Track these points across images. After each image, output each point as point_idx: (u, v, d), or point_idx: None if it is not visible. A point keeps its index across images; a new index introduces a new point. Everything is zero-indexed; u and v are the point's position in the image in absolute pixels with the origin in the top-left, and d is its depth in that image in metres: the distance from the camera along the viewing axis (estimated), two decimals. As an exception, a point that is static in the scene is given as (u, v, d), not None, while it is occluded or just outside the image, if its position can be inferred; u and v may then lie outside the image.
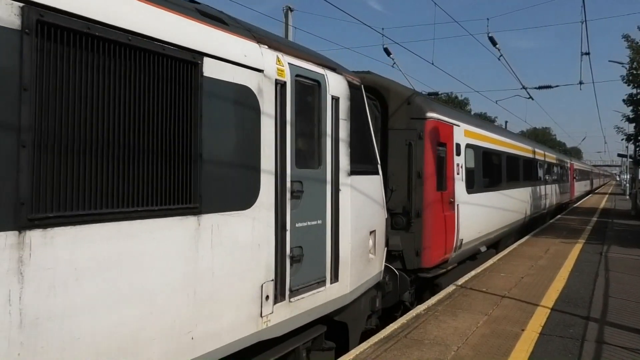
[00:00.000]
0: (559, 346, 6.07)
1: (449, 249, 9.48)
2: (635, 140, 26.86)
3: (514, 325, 6.86)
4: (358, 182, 6.04)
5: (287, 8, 16.56)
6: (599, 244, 14.85)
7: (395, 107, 8.68)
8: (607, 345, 6.09)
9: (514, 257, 12.40)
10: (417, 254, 8.47)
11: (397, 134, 8.65)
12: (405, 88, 9.45)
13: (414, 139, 8.54)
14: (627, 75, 22.22)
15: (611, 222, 22.15)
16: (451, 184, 9.61)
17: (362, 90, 6.66)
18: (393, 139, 8.68)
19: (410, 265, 8.51)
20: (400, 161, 8.55)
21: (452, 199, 9.57)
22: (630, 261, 11.98)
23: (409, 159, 8.51)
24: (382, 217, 6.98)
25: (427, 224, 8.57)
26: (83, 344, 3.04)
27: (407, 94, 8.91)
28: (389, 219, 7.78)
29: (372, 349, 5.93)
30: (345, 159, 5.76)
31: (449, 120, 9.85)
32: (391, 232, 8.24)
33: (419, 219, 8.48)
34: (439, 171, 9.06)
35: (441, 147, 9.27)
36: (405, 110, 8.66)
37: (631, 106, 24.07)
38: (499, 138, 14.38)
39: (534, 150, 19.93)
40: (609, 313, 7.51)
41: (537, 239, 16.02)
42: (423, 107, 8.82)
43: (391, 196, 8.29)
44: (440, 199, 9.04)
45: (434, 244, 8.72)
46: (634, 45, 21.17)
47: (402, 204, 8.50)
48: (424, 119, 8.72)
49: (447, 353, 5.81)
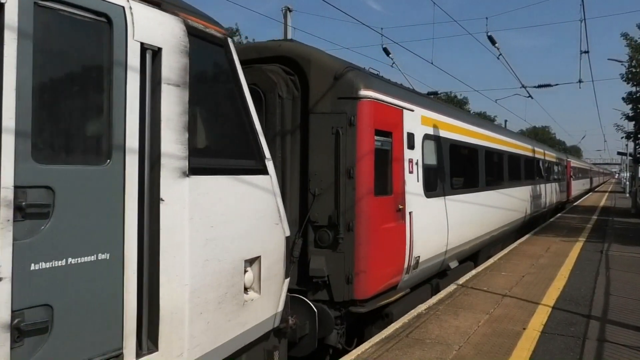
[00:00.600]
0: (561, 344, 6.07)
1: (396, 270, 7.30)
2: (635, 138, 26.91)
3: (516, 324, 6.86)
4: (212, 186, 3.92)
5: (286, 8, 16.58)
6: (599, 242, 14.85)
7: (319, 83, 6.61)
8: (609, 344, 6.10)
9: (514, 256, 12.41)
10: (349, 280, 6.39)
11: (321, 120, 6.56)
12: (333, 59, 7.09)
13: (343, 126, 6.48)
14: (626, 73, 22.24)
15: (611, 220, 22.15)
16: (399, 185, 7.41)
17: (229, 47, 4.38)
18: (315, 127, 6.57)
19: (339, 296, 6.42)
20: (325, 156, 6.50)
21: (401, 206, 7.37)
22: (631, 259, 11.99)
23: (336, 153, 6.44)
24: (277, 237, 4.73)
25: (361, 239, 6.45)
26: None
27: (335, 66, 6.73)
28: (300, 236, 6.47)
29: (373, 349, 5.93)
30: (176, 148, 3.60)
31: (397, 102, 7.53)
32: (313, 251, 6.49)
33: (349, 234, 6.39)
34: (380, 169, 6.97)
35: (384, 138, 7.11)
36: (332, 87, 6.61)
37: (631, 104, 24.10)
38: (474, 129, 11.84)
39: (523, 146, 17.92)
40: (610, 311, 7.51)
41: (538, 237, 16.02)
42: (355, 83, 6.65)
43: (313, 203, 6.45)
44: (382, 205, 6.92)
45: (372, 267, 6.58)
46: (633, 44, 21.18)
47: (328, 213, 6.43)
48: (357, 99, 6.59)
49: (449, 352, 5.81)
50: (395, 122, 7.49)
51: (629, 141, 30.39)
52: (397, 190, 7.37)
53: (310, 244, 6.53)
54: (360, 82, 6.74)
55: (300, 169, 6.65)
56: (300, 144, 6.65)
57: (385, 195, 7.08)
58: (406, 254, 7.49)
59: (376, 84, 7.18)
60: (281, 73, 6.68)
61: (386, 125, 7.19)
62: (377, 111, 6.90)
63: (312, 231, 6.52)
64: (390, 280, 7.21)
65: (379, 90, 7.09)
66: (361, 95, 6.64)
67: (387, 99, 7.23)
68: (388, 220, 7.07)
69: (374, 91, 6.85)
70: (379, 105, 6.98)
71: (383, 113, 7.08)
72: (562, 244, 14.49)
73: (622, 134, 27.16)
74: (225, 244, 4.02)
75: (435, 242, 8.70)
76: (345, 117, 6.53)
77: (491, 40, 16.24)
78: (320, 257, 6.44)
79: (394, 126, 7.43)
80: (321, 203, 6.48)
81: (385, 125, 7.17)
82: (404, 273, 7.54)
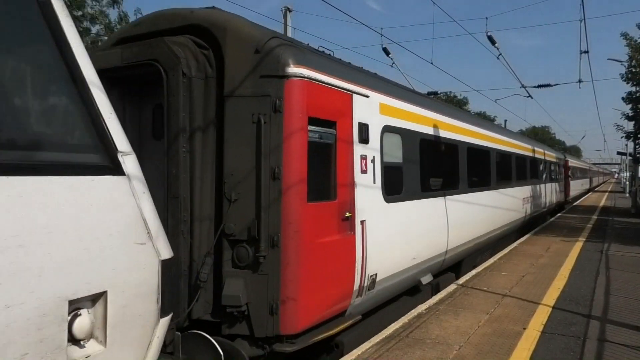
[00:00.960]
0: (561, 344, 6.07)
1: (342, 294, 5.92)
2: (635, 138, 26.93)
3: (516, 323, 6.87)
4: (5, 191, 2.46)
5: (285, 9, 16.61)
6: (599, 242, 14.85)
7: (237, 58, 5.25)
8: (609, 343, 6.10)
9: (514, 256, 12.41)
10: (273, 310, 5.06)
11: (239, 105, 5.21)
12: (256, 27, 5.62)
13: (266, 113, 5.14)
14: (626, 73, 22.28)
15: (611, 220, 22.16)
16: (346, 188, 6.02)
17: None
18: (232, 114, 5.23)
19: (261, 331, 5.10)
20: (245, 151, 5.18)
21: (349, 213, 5.99)
22: (631, 259, 11.99)
23: (258, 148, 5.12)
24: (141, 262, 3.25)
25: (289, 258, 5.11)
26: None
27: (257, 36, 5.31)
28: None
29: (374, 349, 5.93)
30: None
31: (343, 84, 6.05)
32: (230, 272, 5.16)
33: (274, 251, 5.06)
34: (318, 168, 5.65)
35: (323, 128, 5.72)
36: (253, 63, 5.20)
37: (630, 104, 24.15)
38: (453, 122, 10.22)
39: (514, 143, 16.34)
40: (610, 311, 7.51)
41: (538, 237, 16.03)
42: (282, 58, 5.22)
43: (229, 211, 5.14)
44: (320, 214, 5.55)
45: (304, 292, 5.22)
46: (633, 44, 21.20)
47: (248, 224, 5.11)
48: (284, 78, 5.19)
49: (449, 352, 5.81)
50: (341, 110, 6.00)
51: (628, 141, 30.43)
52: (343, 195, 5.94)
53: (226, 264, 5.20)
54: (289, 56, 5.28)
55: (216, 168, 5.36)
56: (217, 136, 5.36)
57: (325, 201, 5.70)
58: (357, 273, 6.08)
59: (313, 61, 5.67)
60: (190, 46, 5.34)
61: (327, 113, 5.74)
62: (313, 94, 5.48)
63: (229, 247, 5.20)
64: (333, 307, 5.78)
65: (317, 68, 5.63)
66: (290, 73, 5.23)
67: (329, 80, 5.77)
68: (329, 232, 5.64)
69: (309, 68, 5.43)
70: (316, 86, 5.53)
71: (322, 97, 5.66)
72: (562, 243, 14.49)
73: (622, 133, 27.23)
74: (25, 278, 2.48)
75: (400, 255, 7.30)
76: (269, 101, 5.17)
77: (491, 40, 16.27)
78: (238, 281, 5.09)
79: (339, 114, 5.95)
80: (239, 211, 5.14)
81: (326, 112, 5.72)
82: (355, 296, 6.13)
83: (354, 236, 6.08)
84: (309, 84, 5.43)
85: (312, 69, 5.52)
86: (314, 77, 5.52)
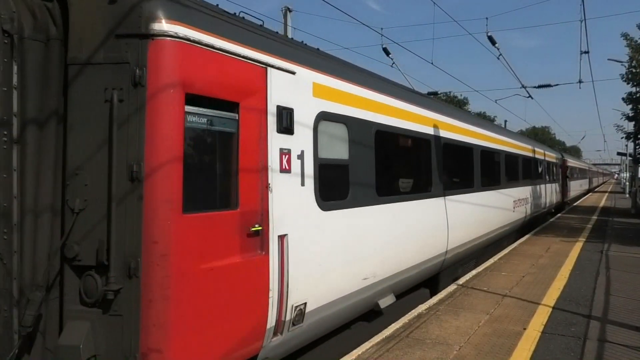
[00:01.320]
0: (561, 345, 6.07)
1: (248, 335, 4.51)
2: (635, 138, 26.93)
3: (516, 324, 6.86)
4: None
5: (285, 8, 16.61)
6: (599, 242, 14.85)
7: (85, 10, 3.90)
8: (609, 344, 6.09)
9: (514, 256, 12.41)
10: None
11: (87, 76, 3.87)
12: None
13: (123, 87, 3.79)
14: (626, 73, 22.27)
15: (611, 220, 22.16)
16: (255, 194, 4.57)
17: None
18: (78, 89, 3.90)
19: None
20: (93, 142, 3.85)
21: (259, 226, 4.55)
22: (631, 259, 11.98)
23: (110, 137, 3.77)
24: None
25: (153, 291, 3.72)
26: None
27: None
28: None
29: (374, 349, 5.93)
30: None
31: (251, 53, 4.58)
32: (72, 312, 3.81)
33: (132, 282, 3.71)
34: (207, 166, 4.38)
35: (218, 112, 4.30)
36: (107, 17, 3.84)
37: (630, 104, 24.13)
38: (422, 112, 8.42)
39: (505, 141, 14.68)
40: (610, 311, 7.51)
41: (538, 237, 16.03)
42: (148, 9, 3.82)
43: (73, 226, 3.79)
44: (209, 229, 4.14)
45: (180, 339, 3.85)
46: (633, 44, 21.19)
47: (96, 244, 3.77)
48: (150, 37, 3.79)
49: (449, 352, 5.81)
50: (248, 87, 4.51)
51: (628, 141, 30.41)
52: (250, 202, 4.47)
53: (68, 300, 3.81)
54: (157, 7, 3.83)
55: (63, 166, 3.95)
56: (64, 120, 3.96)
57: (217, 210, 4.24)
58: (272, 304, 4.67)
59: (198, 17, 4.15)
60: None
61: (221, 90, 4.27)
62: (196, 63, 4.04)
63: (75, 275, 3.81)
64: (232, 354, 4.35)
65: (205, 27, 4.14)
66: (158, 32, 3.77)
67: (226, 46, 4.28)
68: (222, 253, 4.21)
69: (189, 27, 3.97)
70: (202, 53, 4.07)
71: (212, 68, 4.19)
72: (562, 244, 14.49)
73: (622, 134, 27.21)
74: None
75: (344, 277, 5.85)
76: (127, 71, 3.75)
77: (491, 40, 16.26)
78: (82, 325, 3.72)
79: (245, 93, 4.45)
80: (86, 225, 3.79)
81: (219, 89, 4.25)
82: (269, 335, 4.73)
83: (266, 257, 4.59)
84: (188, 48, 3.93)
85: (194, 27, 4.00)
86: (197, 39, 3.98)
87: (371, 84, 7.01)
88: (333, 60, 6.52)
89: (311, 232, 5.29)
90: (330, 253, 5.61)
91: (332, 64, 6.31)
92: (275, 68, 4.89)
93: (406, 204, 7.58)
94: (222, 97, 4.31)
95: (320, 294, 5.43)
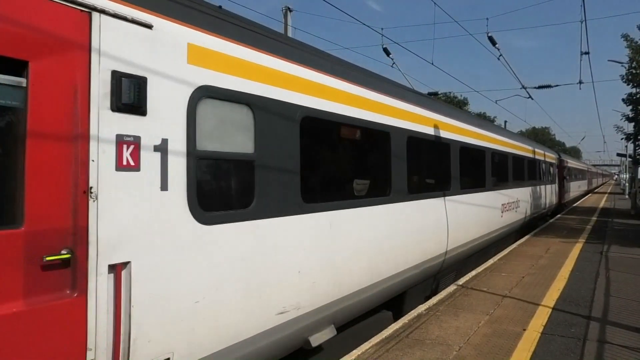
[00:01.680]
0: (561, 346, 6.06)
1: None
2: (635, 139, 26.92)
3: (516, 325, 6.86)
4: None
5: (286, 8, 16.61)
6: (599, 243, 14.84)
7: None
8: (609, 345, 6.08)
9: (514, 257, 12.40)
10: None
11: None
12: None
13: None
14: (626, 74, 22.26)
15: (611, 221, 22.15)
16: (57, 203, 3.13)
17: None
18: None
19: None
20: None
21: (67, 252, 3.14)
22: (630, 260, 11.98)
23: None
24: None
25: None
26: None
27: None
28: None
29: (374, 349, 5.92)
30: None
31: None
32: None
33: None
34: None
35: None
36: None
37: (630, 105, 24.15)
38: (373, 97, 6.80)
39: (490, 137, 12.88)
40: (610, 312, 7.50)
41: (538, 238, 16.02)
42: None
43: None
44: None
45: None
46: (633, 45, 21.20)
47: None
48: None
49: (449, 353, 5.80)
50: (50, 39, 3.12)
51: (628, 142, 30.41)
52: (48, 215, 3.08)
53: None
54: None
55: None
56: None
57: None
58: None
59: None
60: None
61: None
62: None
63: None
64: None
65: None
66: None
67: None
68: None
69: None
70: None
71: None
72: (562, 244, 14.48)
73: (621, 135, 27.20)
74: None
75: (246, 312, 4.40)
76: None
77: (492, 40, 16.28)
78: None
79: (42, 48, 3.09)
80: None
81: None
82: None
83: (81, 299, 3.18)
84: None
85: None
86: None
87: (296, 56, 5.40)
88: (238, 21, 4.83)
89: (182, 256, 3.84)
90: (219, 282, 4.14)
91: (234, 23, 4.67)
92: (110, 15, 3.40)
93: (354, 210, 6.05)
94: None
95: (199, 342, 3.96)
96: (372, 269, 6.43)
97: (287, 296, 4.90)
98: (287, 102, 5.06)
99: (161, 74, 3.77)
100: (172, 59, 3.88)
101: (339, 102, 5.95)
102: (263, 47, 4.85)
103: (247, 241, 4.45)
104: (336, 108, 5.90)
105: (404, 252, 7.29)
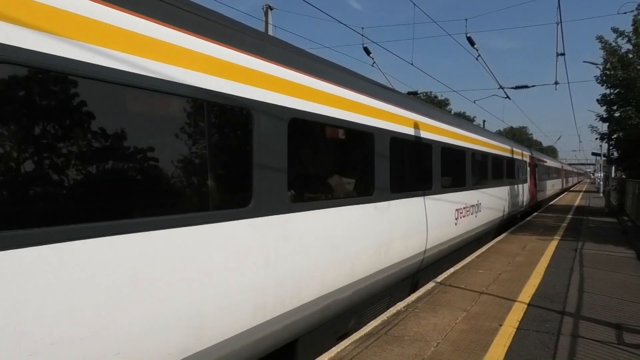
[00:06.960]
0: (536, 340, 6.19)
1: None
2: (609, 139, 27.52)
3: (492, 320, 6.97)
4: None
5: (267, 7, 16.54)
6: (574, 240, 15.16)
7: None
8: (582, 339, 6.23)
9: (492, 254, 12.59)
10: None
11: None
12: None
13: None
14: (601, 75, 22.75)
15: (586, 219, 22.63)
16: None
17: None
18: None
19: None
20: None
21: None
22: (604, 257, 12.27)
23: None
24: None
25: None
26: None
27: None
28: None
29: (353, 346, 5.97)
30: None
31: None
32: None
33: None
34: None
35: None
36: None
37: (605, 106, 24.71)
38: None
39: (440, 128, 10.45)
40: (583, 308, 7.68)
41: (515, 236, 16.29)
42: None
43: None
44: None
45: None
46: (608, 47, 21.67)
47: None
48: None
49: (427, 349, 5.88)
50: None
51: (603, 142, 31.09)
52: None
53: None
54: None
55: None
56: None
57: None
58: None
59: None
60: None
61: None
62: None
63: None
64: None
65: None
66: None
67: None
68: None
69: None
70: None
71: None
72: (538, 242, 14.75)
73: (596, 135, 27.79)
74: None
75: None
76: None
77: (470, 41, 16.46)
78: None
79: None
80: None
81: None
82: None
83: None
84: None
85: None
86: None
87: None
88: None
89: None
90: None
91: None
92: None
93: (263, 219, 4.74)
94: None
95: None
96: (272, 302, 4.96)
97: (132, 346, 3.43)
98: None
99: None
100: None
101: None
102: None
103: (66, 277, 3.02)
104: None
105: (335, 270, 6.12)
